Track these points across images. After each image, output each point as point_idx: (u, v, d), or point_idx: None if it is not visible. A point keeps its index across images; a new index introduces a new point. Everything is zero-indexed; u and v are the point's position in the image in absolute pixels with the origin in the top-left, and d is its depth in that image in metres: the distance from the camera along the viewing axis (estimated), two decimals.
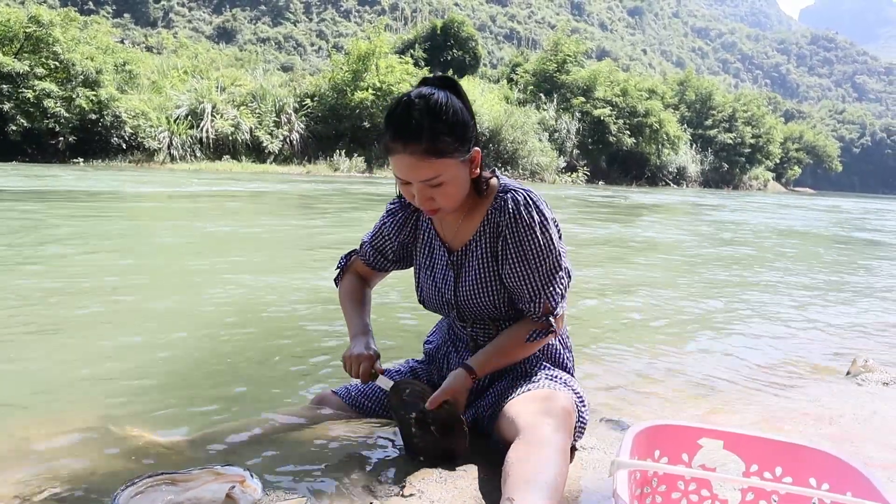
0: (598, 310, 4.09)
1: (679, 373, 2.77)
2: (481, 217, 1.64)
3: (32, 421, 1.94)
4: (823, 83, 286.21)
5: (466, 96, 1.55)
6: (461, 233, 1.68)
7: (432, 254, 1.76)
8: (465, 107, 1.53)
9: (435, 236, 1.74)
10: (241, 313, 3.46)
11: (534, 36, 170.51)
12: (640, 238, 9.29)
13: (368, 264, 1.85)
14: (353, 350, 1.67)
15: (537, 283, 1.59)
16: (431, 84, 1.54)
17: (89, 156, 25.84)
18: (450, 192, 1.53)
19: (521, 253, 1.57)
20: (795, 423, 2.17)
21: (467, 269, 1.67)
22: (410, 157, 1.47)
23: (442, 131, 1.46)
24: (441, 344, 1.87)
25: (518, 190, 1.60)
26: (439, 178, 1.49)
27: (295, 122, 32.26)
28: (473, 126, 1.54)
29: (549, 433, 1.40)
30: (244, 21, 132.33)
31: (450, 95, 1.50)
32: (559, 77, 45.07)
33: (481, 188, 1.61)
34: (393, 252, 1.81)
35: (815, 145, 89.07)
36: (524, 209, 1.57)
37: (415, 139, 1.45)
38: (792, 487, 1.11)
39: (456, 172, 1.51)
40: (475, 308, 1.68)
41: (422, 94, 1.48)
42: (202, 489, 1.37)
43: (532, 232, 1.56)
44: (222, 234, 7.07)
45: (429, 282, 1.77)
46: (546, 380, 1.65)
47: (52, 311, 3.30)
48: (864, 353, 3.10)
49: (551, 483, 1.29)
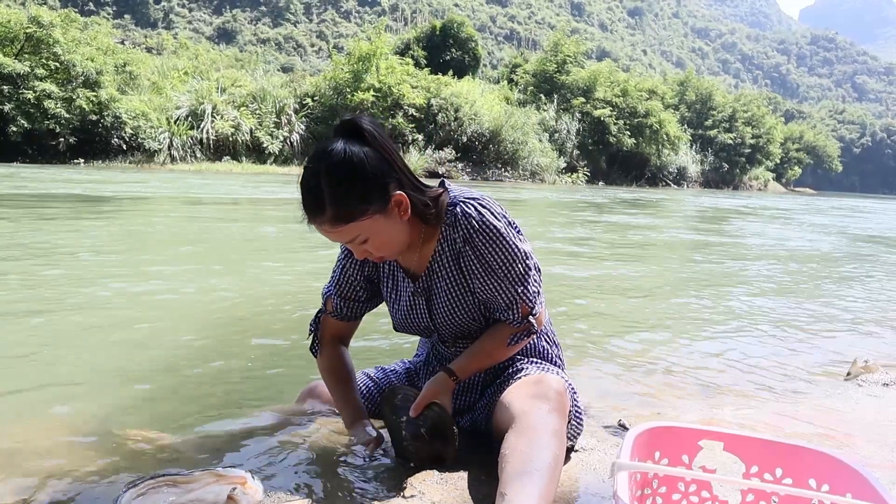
0: (598, 311, 4.09)
1: (679, 375, 2.77)
2: (436, 237, 1.56)
3: (34, 424, 1.94)
4: (823, 83, 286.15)
5: (377, 135, 1.41)
6: (423, 258, 1.60)
7: (397, 285, 1.68)
8: (375, 151, 1.40)
9: (397, 268, 1.67)
10: (244, 314, 3.46)
11: (534, 36, 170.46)
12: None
13: (341, 318, 1.72)
14: (357, 437, 1.66)
15: (510, 290, 1.54)
16: (338, 133, 1.42)
17: (90, 157, 25.83)
18: (380, 243, 1.46)
19: (486, 265, 1.51)
20: (795, 425, 2.17)
21: (437, 292, 1.61)
22: (321, 228, 1.42)
23: (344, 195, 1.37)
24: (425, 360, 1.85)
25: (466, 201, 1.51)
26: (360, 236, 1.43)
27: (295, 123, 32.24)
28: (390, 168, 1.42)
29: (543, 415, 1.41)
30: (244, 22, 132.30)
31: (350, 147, 1.38)
32: (559, 78, 45.07)
33: (425, 217, 1.51)
34: (364, 291, 1.70)
35: (816, 145, 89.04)
36: (476, 220, 1.48)
37: (319, 211, 1.39)
38: (792, 489, 1.12)
39: (377, 227, 1.43)
40: (454, 327, 1.64)
41: (318, 156, 1.39)
42: (204, 491, 1.37)
43: (491, 241, 1.49)
44: (222, 236, 7.08)
45: (400, 313, 1.70)
46: (536, 368, 1.64)
47: (51, 314, 3.30)
48: (865, 355, 3.10)
49: (545, 470, 1.29)
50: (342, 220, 1.39)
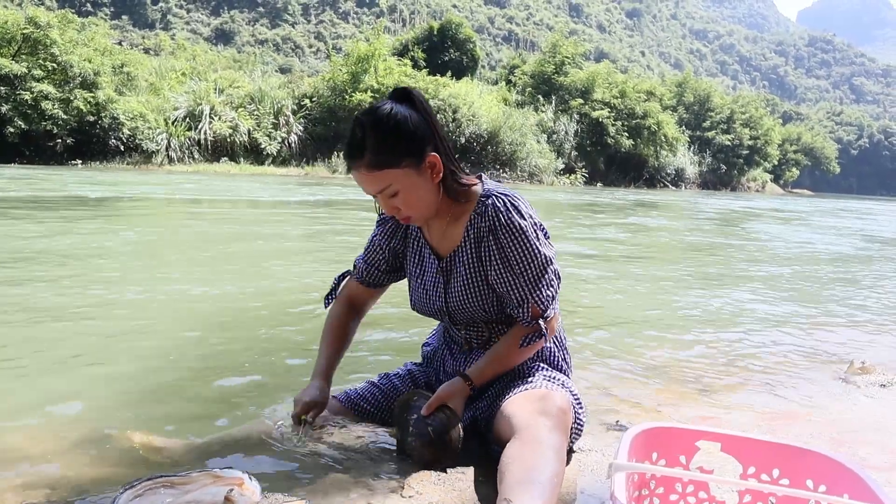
0: (597, 310, 4.09)
1: (677, 375, 2.77)
2: (465, 223, 1.64)
3: (31, 425, 1.93)
4: (821, 85, 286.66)
5: (424, 105, 1.55)
6: (448, 239, 1.69)
7: (422, 262, 1.76)
8: (420, 115, 1.53)
9: (425, 244, 1.75)
10: (240, 316, 3.46)
11: (532, 38, 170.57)
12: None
13: (363, 282, 1.84)
14: (304, 392, 1.72)
15: (524, 288, 1.59)
16: (390, 97, 1.56)
17: (87, 157, 25.77)
18: (409, 200, 1.55)
19: (505, 259, 1.58)
20: (793, 426, 2.17)
21: (456, 276, 1.68)
22: (357, 172, 1.53)
23: (384, 143, 1.48)
24: (438, 347, 1.89)
25: (499, 195, 1.60)
26: (391, 188, 1.52)
27: (293, 124, 32.23)
28: (431, 133, 1.54)
29: (545, 433, 1.41)
30: (242, 23, 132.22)
31: (398, 107, 1.51)
32: (557, 79, 45.08)
33: (453, 191, 1.61)
34: (386, 262, 1.81)
35: (813, 147, 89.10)
36: (504, 214, 1.57)
37: (357, 154, 1.50)
38: (789, 490, 1.12)
39: (409, 181, 1.52)
40: (466, 312, 1.70)
41: (368, 110, 1.52)
42: (201, 492, 1.37)
43: (514, 237, 1.57)
44: (217, 237, 7.07)
45: (420, 289, 1.77)
46: (542, 380, 1.65)
47: (50, 315, 3.30)
48: (862, 355, 3.11)
49: (547, 483, 1.29)
50: (377, 167, 1.49)
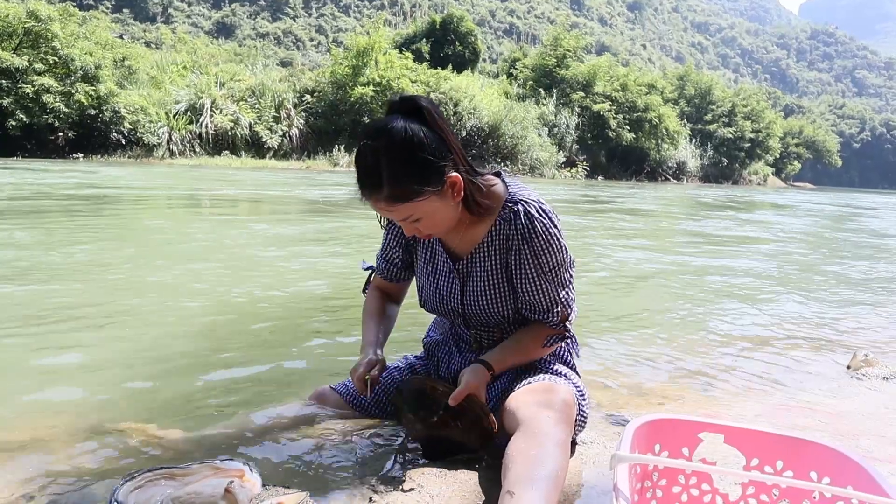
0: (600, 303, 4.08)
1: (680, 367, 2.76)
2: (488, 226, 1.58)
3: (30, 417, 1.93)
4: (823, 78, 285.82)
5: (436, 115, 1.41)
6: (466, 240, 1.62)
7: (434, 260, 1.71)
8: (434, 132, 1.40)
9: (437, 242, 1.69)
10: (240, 309, 3.45)
11: (533, 31, 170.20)
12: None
13: (383, 276, 1.83)
14: (360, 359, 1.66)
15: (554, 295, 1.58)
16: (396, 110, 1.42)
17: (88, 151, 25.78)
18: (433, 222, 1.49)
19: (539, 267, 1.55)
20: (796, 417, 2.17)
21: (475, 279, 1.64)
22: (377, 205, 1.43)
23: (402, 174, 1.37)
24: (442, 341, 1.86)
25: (529, 201, 1.54)
26: (414, 216, 1.45)
27: (294, 118, 32.19)
28: (448, 150, 1.43)
29: (549, 426, 1.40)
30: (243, 16, 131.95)
31: (411, 125, 1.38)
32: (559, 72, 44.97)
33: (474, 208, 1.52)
34: (400, 259, 1.78)
35: (815, 140, 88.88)
36: (539, 223, 1.52)
37: (375, 189, 1.39)
38: (793, 481, 1.11)
39: (432, 207, 1.44)
40: (483, 316, 1.66)
41: (379, 133, 1.37)
42: (201, 484, 1.37)
43: (549, 247, 1.53)
44: (219, 231, 7.07)
45: (431, 288, 1.72)
46: (547, 373, 1.64)
47: (50, 308, 3.29)
48: (865, 348, 3.10)
49: (551, 477, 1.28)
50: (399, 200, 1.40)
